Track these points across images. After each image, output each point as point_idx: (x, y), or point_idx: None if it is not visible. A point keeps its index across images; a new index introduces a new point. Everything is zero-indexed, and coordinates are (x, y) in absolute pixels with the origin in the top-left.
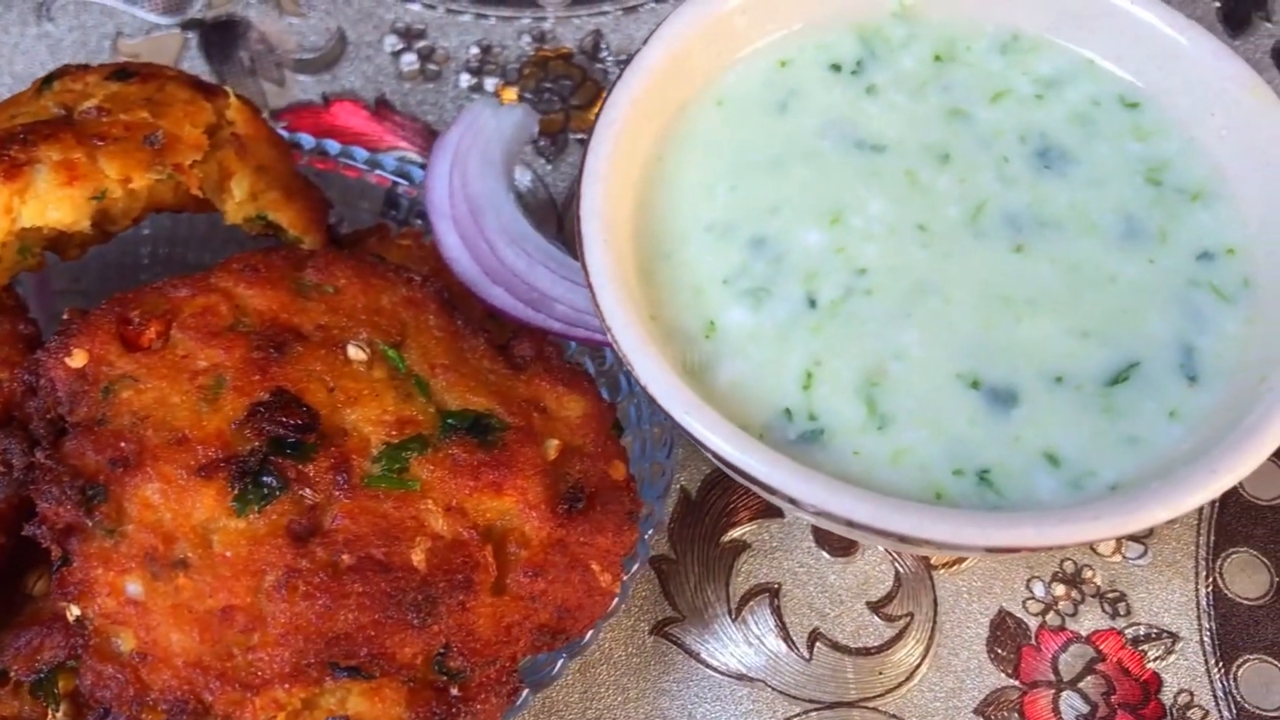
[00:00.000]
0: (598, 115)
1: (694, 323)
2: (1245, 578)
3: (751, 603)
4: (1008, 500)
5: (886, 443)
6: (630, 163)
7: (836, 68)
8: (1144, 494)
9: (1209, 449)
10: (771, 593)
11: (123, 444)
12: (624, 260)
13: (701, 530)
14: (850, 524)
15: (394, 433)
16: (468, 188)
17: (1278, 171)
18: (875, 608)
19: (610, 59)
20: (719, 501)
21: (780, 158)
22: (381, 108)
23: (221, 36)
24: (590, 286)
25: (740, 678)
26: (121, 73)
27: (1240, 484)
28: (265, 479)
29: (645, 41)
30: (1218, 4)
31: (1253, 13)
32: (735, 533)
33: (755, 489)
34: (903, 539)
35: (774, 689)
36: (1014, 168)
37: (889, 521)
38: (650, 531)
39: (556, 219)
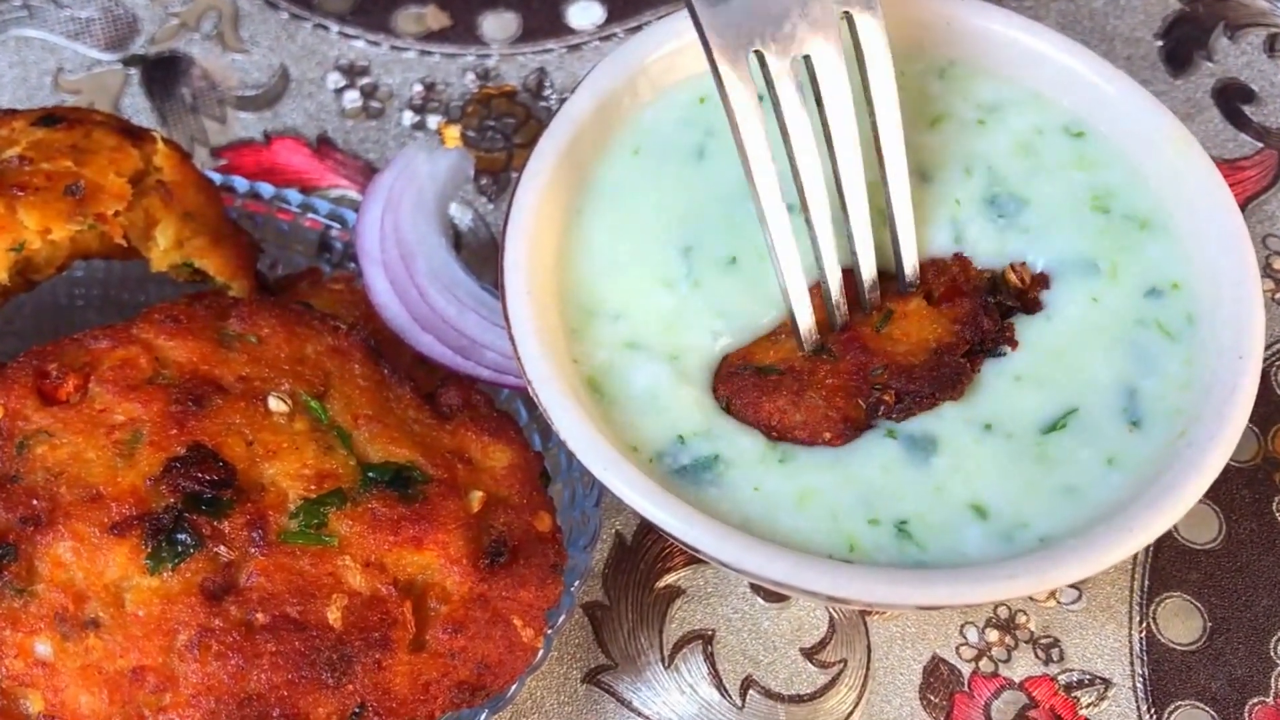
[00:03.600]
0: (523, 166)
1: None
2: (1178, 623)
3: (685, 650)
4: (930, 554)
5: (789, 481)
6: (553, 213)
7: (759, 98)
8: (1061, 551)
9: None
10: (705, 639)
11: (35, 501)
12: (546, 310)
13: (636, 576)
14: (762, 579)
15: (313, 487)
16: (399, 232)
17: (1210, 216)
18: (809, 654)
19: (554, 97)
20: (654, 547)
21: (696, 204)
22: (323, 145)
23: (164, 73)
24: (512, 338)
25: None
26: (49, 119)
27: (1175, 528)
28: (179, 536)
29: (573, 90)
30: (1160, 43)
31: (1194, 53)
32: (670, 578)
33: (674, 541)
34: (815, 595)
35: None
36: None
37: (802, 579)
38: (576, 583)
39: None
